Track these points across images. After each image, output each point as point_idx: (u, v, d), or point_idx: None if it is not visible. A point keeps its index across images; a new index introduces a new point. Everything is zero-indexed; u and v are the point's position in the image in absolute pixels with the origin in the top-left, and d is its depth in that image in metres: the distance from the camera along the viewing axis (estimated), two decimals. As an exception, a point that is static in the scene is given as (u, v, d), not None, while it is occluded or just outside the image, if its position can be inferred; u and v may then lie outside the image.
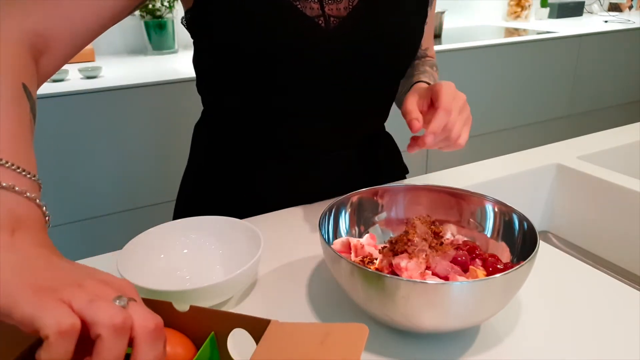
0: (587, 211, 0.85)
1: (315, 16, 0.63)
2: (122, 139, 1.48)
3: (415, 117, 0.61)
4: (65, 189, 1.45)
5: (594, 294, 0.56)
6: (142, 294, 0.49)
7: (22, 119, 0.43)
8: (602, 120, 2.54)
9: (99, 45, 1.88)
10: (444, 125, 0.60)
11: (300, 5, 0.62)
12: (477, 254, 0.54)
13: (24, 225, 0.36)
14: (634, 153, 1.00)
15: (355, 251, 0.57)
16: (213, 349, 0.41)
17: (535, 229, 0.52)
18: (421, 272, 0.50)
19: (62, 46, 0.53)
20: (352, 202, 0.61)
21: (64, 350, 0.29)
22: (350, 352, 0.33)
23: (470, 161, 0.94)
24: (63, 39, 0.53)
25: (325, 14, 0.64)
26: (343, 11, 0.65)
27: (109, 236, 1.55)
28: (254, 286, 0.59)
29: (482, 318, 0.47)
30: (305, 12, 0.63)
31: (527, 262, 0.45)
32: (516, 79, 2.17)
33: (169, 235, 0.61)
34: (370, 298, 0.46)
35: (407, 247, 0.51)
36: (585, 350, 0.48)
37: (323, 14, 0.64)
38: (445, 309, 0.44)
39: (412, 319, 0.46)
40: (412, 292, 0.43)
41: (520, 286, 0.47)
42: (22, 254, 0.33)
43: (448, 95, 0.61)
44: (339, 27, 0.64)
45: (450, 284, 0.43)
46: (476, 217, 0.60)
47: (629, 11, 3.08)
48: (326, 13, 0.64)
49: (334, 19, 0.64)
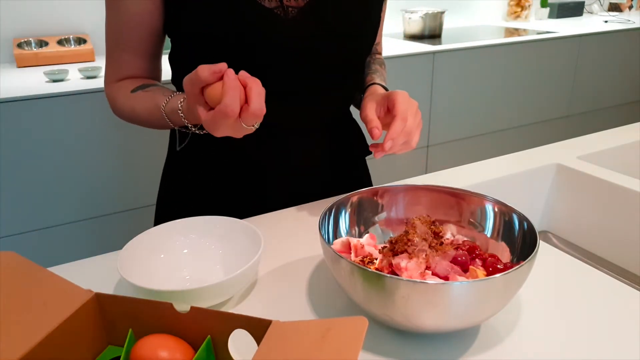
0: (587, 211, 0.85)
1: (274, 7, 0.67)
2: (122, 138, 1.48)
3: (375, 126, 0.67)
4: (65, 188, 1.45)
5: (594, 294, 0.57)
6: (142, 294, 0.49)
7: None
8: (602, 120, 2.54)
9: (99, 45, 1.88)
10: (401, 131, 0.66)
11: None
12: (477, 254, 0.53)
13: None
14: (634, 153, 1.00)
15: (355, 251, 0.57)
16: (209, 354, 0.41)
17: (535, 229, 0.52)
18: (421, 272, 0.50)
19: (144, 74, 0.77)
20: (352, 202, 0.61)
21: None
22: (350, 344, 0.34)
23: (470, 161, 0.94)
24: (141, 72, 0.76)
25: (283, 5, 0.68)
26: (301, 1, 0.69)
27: (109, 236, 1.55)
28: (254, 286, 0.59)
29: (482, 318, 0.47)
30: (264, 3, 0.67)
31: (527, 262, 0.45)
32: (516, 79, 2.17)
33: (169, 235, 0.61)
34: (370, 298, 0.46)
35: (407, 247, 0.51)
36: (585, 350, 0.48)
37: (281, 5, 0.67)
38: (445, 309, 0.44)
39: (412, 319, 0.46)
40: (412, 292, 0.43)
41: (520, 286, 0.47)
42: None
43: (403, 103, 0.67)
44: (297, 16, 0.68)
45: (450, 284, 0.43)
46: (476, 217, 0.60)
47: (629, 11, 3.08)
48: (284, 4, 0.68)
49: (292, 9, 0.68)
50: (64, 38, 1.78)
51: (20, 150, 1.37)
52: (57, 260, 1.53)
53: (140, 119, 0.72)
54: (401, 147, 0.68)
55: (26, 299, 0.41)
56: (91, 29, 1.86)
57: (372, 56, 0.89)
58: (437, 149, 2.09)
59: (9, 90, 1.37)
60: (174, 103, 0.65)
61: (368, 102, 0.72)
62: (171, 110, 0.65)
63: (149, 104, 0.69)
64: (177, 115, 0.64)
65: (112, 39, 0.73)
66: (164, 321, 0.42)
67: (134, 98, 0.72)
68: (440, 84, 1.96)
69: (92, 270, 0.62)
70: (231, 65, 0.68)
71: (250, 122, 0.56)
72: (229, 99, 0.52)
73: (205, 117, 0.55)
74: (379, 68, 0.86)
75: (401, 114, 0.66)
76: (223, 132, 0.56)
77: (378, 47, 0.91)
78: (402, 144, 0.67)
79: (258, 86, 0.55)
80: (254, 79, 0.55)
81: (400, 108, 0.67)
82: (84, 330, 0.43)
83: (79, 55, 1.74)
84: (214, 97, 0.54)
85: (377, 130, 0.67)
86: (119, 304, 0.43)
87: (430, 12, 2.21)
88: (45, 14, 1.78)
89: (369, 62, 0.87)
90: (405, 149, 0.69)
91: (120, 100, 0.74)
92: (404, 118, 0.66)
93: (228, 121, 0.54)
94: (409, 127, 0.66)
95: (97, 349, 0.44)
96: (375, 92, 0.76)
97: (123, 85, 0.74)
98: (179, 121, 0.64)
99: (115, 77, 0.75)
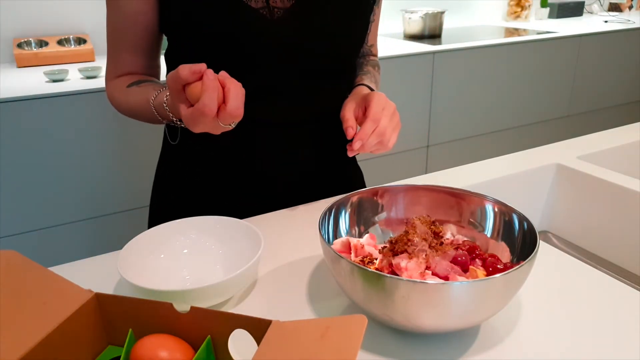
0: (587, 211, 0.85)
1: (260, 7, 0.69)
2: (122, 138, 1.48)
3: (349, 125, 0.70)
4: (66, 188, 1.45)
5: (594, 294, 0.57)
6: (142, 294, 0.49)
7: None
8: (602, 120, 2.54)
9: (99, 45, 1.88)
10: (372, 132, 0.68)
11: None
12: (477, 254, 0.53)
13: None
14: (634, 153, 1.00)
15: (355, 251, 0.57)
16: (209, 354, 0.41)
17: (535, 229, 0.52)
18: (421, 272, 0.50)
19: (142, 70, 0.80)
20: (352, 202, 0.61)
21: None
22: (350, 342, 0.34)
23: (470, 161, 0.94)
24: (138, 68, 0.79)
25: (269, 6, 0.69)
26: (287, 3, 0.70)
27: (109, 236, 1.55)
28: (254, 286, 0.59)
29: (482, 318, 0.47)
30: (250, 4, 0.68)
31: (527, 262, 0.45)
32: (516, 79, 2.17)
33: (169, 235, 0.61)
34: (370, 298, 0.46)
35: (407, 247, 0.51)
36: (585, 350, 0.48)
37: (267, 5, 0.69)
38: (445, 309, 0.44)
39: (412, 319, 0.46)
40: (412, 292, 0.43)
41: (520, 286, 0.47)
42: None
43: (378, 106, 0.69)
44: (283, 17, 0.70)
45: (450, 284, 0.43)
46: (476, 217, 0.60)
47: (629, 11, 3.08)
48: (270, 5, 0.69)
49: (277, 10, 0.70)
50: (64, 38, 1.78)
51: (20, 150, 1.37)
52: (57, 260, 1.53)
53: (134, 112, 0.75)
54: (375, 147, 0.70)
55: (26, 298, 0.41)
56: (91, 29, 1.86)
57: (366, 58, 0.90)
58: (437, 149, 2.09)
59: (9, 90, 1.37)
60: (161, 97, 0.67)
61: (348, 102, 0.74)
62: (159, 104, 0.68)
63: (141, 98, 0.72)
64: (163, 109, 0.67)
65: (112, 37, 0.76)
66: (164, 321, 0.42)
67: (129, 93, 0.75)
68: (440, 84, 1.96)
69: (92, 270, 0.62)
70: (220, 63, 0.69)
71: (227, 121, 0.58)
72: (207, 99, 0.55)
73: (185, 113, 0.58)
74: (371, 69, 0.87)
75: (373, 115, 0.68)
76: (201, 129, 0.59)
77: (373, 49, 0.91)
78: (375, 144, 0.69)
79: (236, 87, 0.58)
80: (233, 80, 0.58)
81: (373, 110, 0.69)
82: (84, 330, 0.43)
83: (79, 55, 1.74)
84: (194, 96, 0.57)
85: (351, 129, 0.70)
86: (119, 304, 0.43)
87: (430, 12, 2.21)
88: (45, 14, 1.78)
89: (361, 64, 0.87)
90: (380, 150, 0.71)
91: (117, 95, 0.77)
92: (375, 119, 0.68)
93: (205, 119, 0.57)
94: (382, 128, 0.68)
95: (97, 349, 0.44)
96: (359, 92, 0.78)
97: (121, 81, 0.77)
98: (166, 115, 0.67)
99: (114, 73, 0.78)
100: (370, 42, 0.90)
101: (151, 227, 0.73)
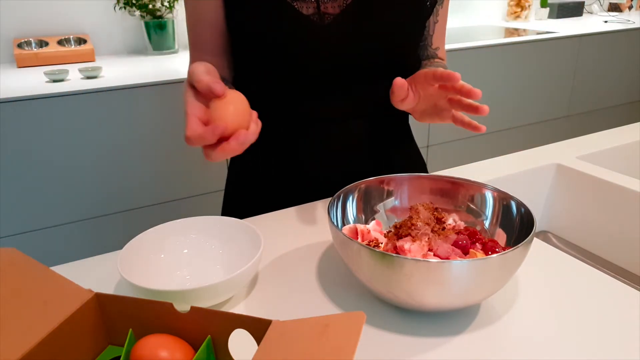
0: (587, 211, 0.85)
1: (311, 14, 0.70)
2: (122, 139, 1.48)
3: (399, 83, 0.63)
4: (65, 188, 1.45)
5: (594, 294, 0.57)
6: (142, 294, 0.50)
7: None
8: (602, 120, 2.55)
9: (99, 45, 1.89)
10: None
11: (297, 5, 0.70)
12: (477, 238, 0.56)
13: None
14: (634, 153, 1.00)
15: (362, 236, 0.59)
16: (209, 354, 0.42)
17: (533, 215, 0.53)
18: (424, 254, 0.52)
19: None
20: (360, 189, 0.63)
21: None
22: (348, 339, 0.34)
23: (471, 161, 0.94)
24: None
25: (320, 12, 0.70)
26: (337, 9, 0.71)
27: (109, 236, 1.55)
28: (254, 286, 0.59)
29: (481, 297, 0.49)
30: (302, 10, 0.69)
31: (523, 244, 0.48)
32: (516, 79, 2.17)
33: (169, 235, 0.61)
34: (376, 277, 0.48)
35: (410, 230, 0.54)
36: (585, 350, 0.48)
37: (318, 12, 0.70)
38: (446, 287, 0.46)
39: (415, 297, 0.48)
40: (415, 270, 0.45)
41: (517, 268, 0.49)
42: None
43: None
44: (333, 23, 0.71)
45: (450, 262, 0.45)
46: (477, 204, 0.62)
47: (628, 11, 3.08)
48: (321, 11, 0.70)
49: (328, 16, 0.71)
50: (64, 38, 1.78)
51: (20, 150, 1.37)
52: (57, 260, 1.53)
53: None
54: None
55: (26, 297, 0.41)
56: (91, 29, 1.86)
57: (430, 60, 0.85)
58: (437, 149, 2.09)
59: (9, 90, 1.37)
60: (185, 84, 0.67)
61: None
62: (184, 88, 0.66)
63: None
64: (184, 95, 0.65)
65: (189, 36, 0.80)
66: (164, 321, 0.42)
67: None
68: (440, 84, 1.96)
69: (92, 270, 0.62)
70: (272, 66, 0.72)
71: (219, 158, 0.53)
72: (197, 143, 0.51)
73: (188, 111, 0.54)
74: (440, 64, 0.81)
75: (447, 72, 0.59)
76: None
77: (439, 52, 0.86)
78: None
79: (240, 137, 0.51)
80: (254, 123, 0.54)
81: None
82: (84, 330, 0.43)
83: (79, 56, 1.74)
84: (212, 111, 0.52)
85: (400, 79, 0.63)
86: (119, 304, 0.43)
87: (430, 12, 2.21)
88: (45, 14, 1.78)
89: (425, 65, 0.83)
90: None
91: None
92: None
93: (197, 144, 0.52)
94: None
95: (97, 349, 0.44)
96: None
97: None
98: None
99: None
100: (434, 44, 0.85)
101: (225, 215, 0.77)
